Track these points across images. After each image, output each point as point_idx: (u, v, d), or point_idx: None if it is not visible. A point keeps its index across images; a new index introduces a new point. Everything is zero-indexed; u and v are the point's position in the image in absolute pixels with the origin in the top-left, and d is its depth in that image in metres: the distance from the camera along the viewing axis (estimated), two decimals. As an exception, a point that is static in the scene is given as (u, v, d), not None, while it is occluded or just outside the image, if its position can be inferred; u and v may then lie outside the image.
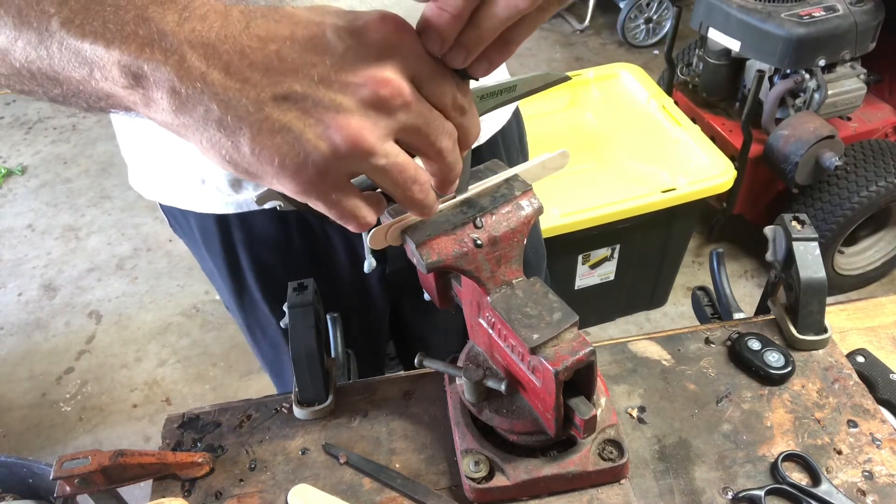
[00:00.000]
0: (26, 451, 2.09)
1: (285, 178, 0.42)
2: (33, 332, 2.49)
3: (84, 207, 3.03)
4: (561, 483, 0.68)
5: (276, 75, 0.40)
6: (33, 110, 3.68)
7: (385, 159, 0.42)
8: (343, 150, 0.41)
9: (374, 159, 0.42)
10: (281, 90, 0.40)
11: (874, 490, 0.67)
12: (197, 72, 0.39)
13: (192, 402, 2.22)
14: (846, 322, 0.86)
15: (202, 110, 0.40)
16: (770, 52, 2.02)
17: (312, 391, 0.77)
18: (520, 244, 0.62)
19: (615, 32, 3.81)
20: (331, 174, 0.42)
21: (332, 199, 0.44)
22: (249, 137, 0.40)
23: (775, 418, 0.74)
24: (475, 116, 0.48)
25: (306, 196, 0.43)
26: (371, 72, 0.41)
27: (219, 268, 0.94)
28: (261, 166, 0.41)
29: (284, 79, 0.40)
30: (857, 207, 2.03)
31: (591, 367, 0.59)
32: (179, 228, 0.96)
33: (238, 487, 0.71)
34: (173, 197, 0.86)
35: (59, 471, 0.65)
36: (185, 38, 0.39)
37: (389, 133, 0.43)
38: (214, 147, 0.41)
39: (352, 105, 0.41)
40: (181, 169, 0.81)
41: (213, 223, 0.87)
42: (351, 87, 0.40)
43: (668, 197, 1.87)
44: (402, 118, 0.43)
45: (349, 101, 0.40)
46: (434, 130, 0.44)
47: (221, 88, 0.39)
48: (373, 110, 0.41)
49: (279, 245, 0.89)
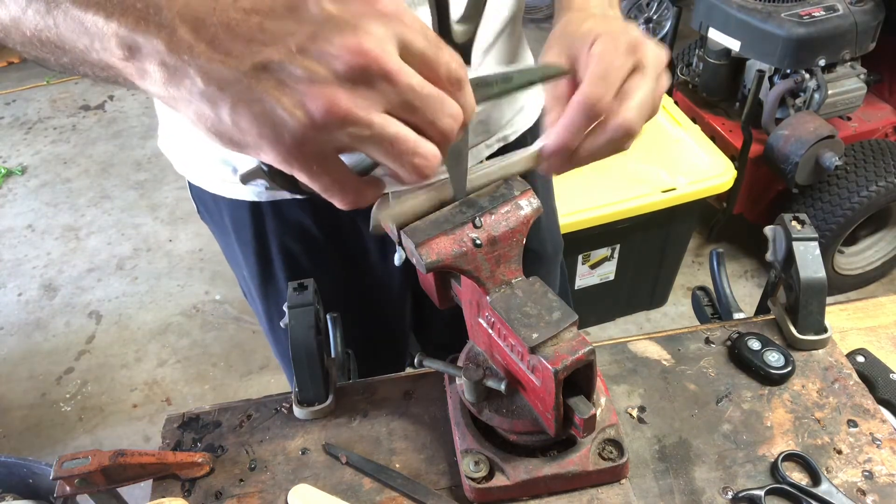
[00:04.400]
0: (26, 451, 2.09)
1: (266, 147, 0.42)
2: (33, 332, 2.49)
3: (84, 207, 3.03)
4: (561, 483, 0.68)
5: (257, 45, 0.40)
6: (33, 110, 3.68)
7: (369, 130, 0.41)
8: (318, 120, 0.40)
9: (356, 129, 0.41)
10: (259, 60, 0.40)
11: (874, 490, 0.67)
12: (185, 45, 0.40)
13: (192, 402, 2.22)
14: (846, 322, 0.86)
15: (188, 83, 0.41)
16: (770, 52, 2.02)
17: (312, 391, 0.77)
18: (519, 244, 0.62)
19: (615, 32, 3.81)
20: (309, 144, 0.42)
21: (313, 170, 0.44)
22: (230, 108, 0.41)
23: (775, 418, 0.74)
24: (471, 94, 0.46)
25: (288, 166, 0.43)
26: (348, 41, 0.40)
27: (247, 256, 0.95)
28: (242, 136, 0.42)
29: (263, 49, 0.40)
30: (857, 207, 2.03)
31: (590, 367, 0.59)
32: (208, 215, 0.98)
33: (238, 487, 0.71)
34: (208, 181, 0.88)
35: (59, 471, 0.65)
36: (178, 12, 0.40)
37: (374, 104, 0.41)
38: (200, 119, 0.42)
39: (327, 74, 0.40)
40: (217, 155, 0.83)
41: (246, 212, 0.89)
42: (327, 57, 0.40)
43: (668, 197, 1.87)
44: (388, 91, 0.41)
45: (324, 70, 0.40)
46: (431, 108, 0.43)
47: (206, 60, 0.40)
48: (350, 81, 0.40)
49: (309, 235, 0.91)
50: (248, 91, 0.40)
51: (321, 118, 0.40)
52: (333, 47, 0.40)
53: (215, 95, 0.41)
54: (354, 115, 0.41)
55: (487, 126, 0.86)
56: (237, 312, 2.51)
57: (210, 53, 0.40)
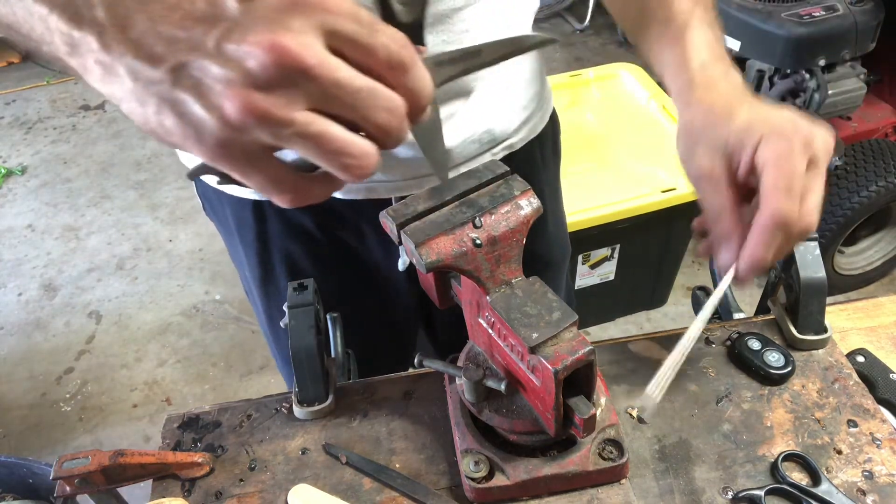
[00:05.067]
0: (26, 451, 2.09)
1: (191, 147, 0.41)
2: (33, 332, 2.49)
3: (84, 207, 3.03)
4: (561, 483, 0.68)
5: (175, 46, 0.39)
6: (33, 110, 3.68)
7: (290, 128, 0.39)
8: (235, 121, 0.39)
9: (276, 129, 0.39)
10: (179, 60, 0.39)
11: (874, 490, 0.67)
12: (114, 42, 0.39)
13: (192, 402, 2.22)
14: (846, 322, 0.86)
15: (119, 81, 0.40)
16: (770, 52, 2.02)
17: (312, 391, 0.77)
18: (519, 244, 0.62)
19: (615, 32, 3.81)
20: (233, 145, 0.40)
21: (244, 170, 0.42)
22: (155, 107, 0.40)
23: (775, 418, 0.74)
24: (423, 76, 0.43)
25: (219, 165, 0.42)
26: (262, 37, 0.38)
27: (249, 256, 0.95)
28: (169, 136, 0.41)
29: (180, 50, 0.39)
30: (857, 207, 2.03)
31: (590, 367, 0.59)
32: (213, 213, 0.98)
33: (238, 487, 0.71)
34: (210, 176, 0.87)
35: (59, 471, 0.65)
36: (108, 8, 0.39)
37: (296, 102, 0.39)
38: (133, 115, 0.42)
39: (240, 74, 0.38)
40: None
41: (249, 212, 0.89)
42: (240, 55, 0.38)
43: (668, 197, 1.87)
44: (310, 88, 0.39)
45: (238, 70, 0.38)
46: (362, 101, 0.40)
47: (132, 59, 0.39)
48: (263, 79, 0.38)
49: (311, 237, 0.91)
50: (170, 91, 0.39)
51: (237, 119, 0.39)
52: (247, 45, 0.38)
53: (142, 94, 0.40)
54: (272, 114, 0.39)
55: (493, 135, 0.85)
56: (237, 312, 2.51)
57: (136, 52, 0.39)
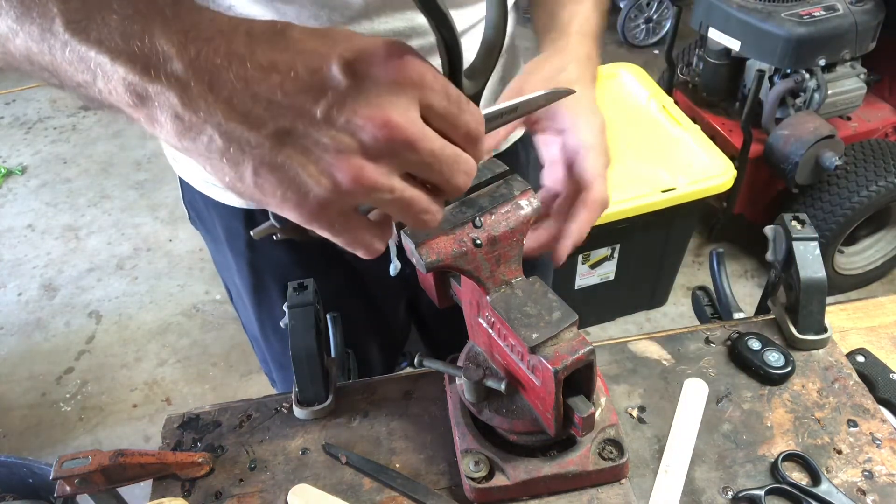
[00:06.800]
0: (26, 451, 2.09)
1: (288, 209, 0.42)
2: (33, 332, 2.49)
3: (84, 207, 3.03)
4: (561, 483, 0.68)
5: (278, 110, 0.39)
6: (33, 110, 3.68)
7: (390, 195, 0.42)
8: (344, 188, 0.41)
9: (378, 195, 0.42)
10: (283, 126, 0.39)
11: (874, 490, 0.67)
12: (200, 100, 0.38)
13: (192, 402, 2.22)
14: (846, 322, 0.86)
15: (205, 139, 0.39)
16: (770, 51, 2.02)
17: (312, 391, 0.77)
18: (519, 244, 0.62)
19: (615, 32, 3.81)
20: (333, 207, 0.42)
21: (336, 228, 0.44)
22: (252, 171, 0.40)
23: (775, 418, 0.74)
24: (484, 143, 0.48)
25: (311, 225, 0.43)
26: (373, 111, 0.39)
27: (240, 265, 0.95)
28: (263, 197, 0.41)
29: (286, 115, 0.39)
30: (857, 207, 2.03)
31: (590, 367, 0.59)
32: (200, 222, 0.97)
33: (238, 487, 0.71)
34: (204, 183, 0.87)
35: (59, 471, 0.65)
36: (190, 63, 0.38)
37: (395, 170, 0.42)
38: (218, 173, 0.41)
39: (353, 145, 0.40)
40: None
41: (239, 222, 0.89)
42: (352, 127, 0.40)
43: (668, 197, 1.87)
44: (410, 157, 0.42)
45: (350, 140, 0.40)
46: (448, 168, 0.44)
47: (224, 120, 0.39)
48: (374, 150, 0.40)
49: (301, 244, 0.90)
50: (272, 155, 0.39)
51: (348, 186, 0.40)
52: (359, 118, 0.39)
53: (236, 156, 0.40)
54: (379, 183, 0.41)
55: None
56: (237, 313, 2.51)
57: (228, 112, 0.39)
